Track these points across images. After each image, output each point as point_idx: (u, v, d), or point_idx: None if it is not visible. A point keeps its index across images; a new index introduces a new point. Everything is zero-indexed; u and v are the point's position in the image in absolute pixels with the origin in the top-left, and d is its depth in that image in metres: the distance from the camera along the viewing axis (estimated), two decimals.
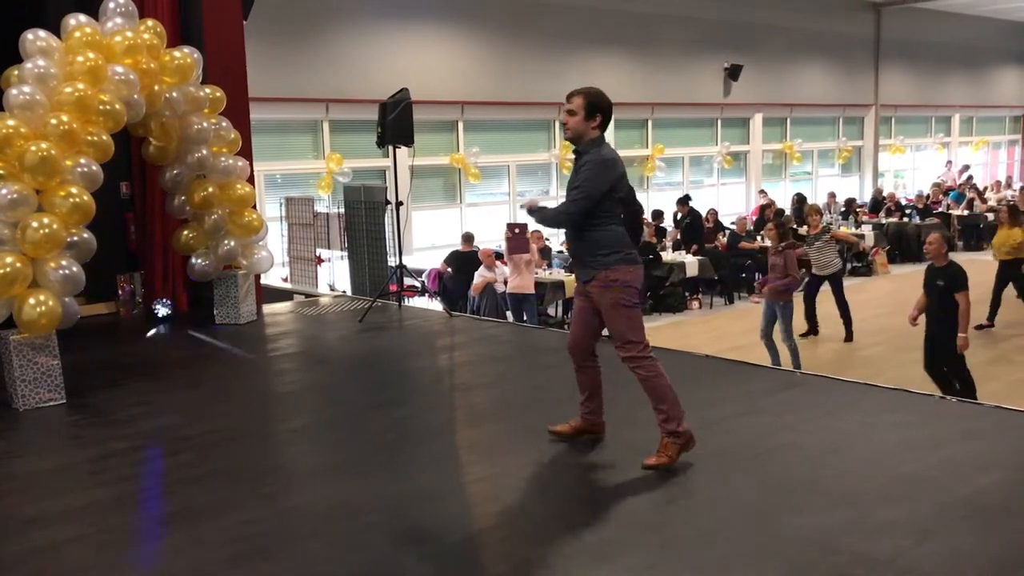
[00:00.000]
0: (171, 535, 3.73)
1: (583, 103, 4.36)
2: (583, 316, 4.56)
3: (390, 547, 3.55)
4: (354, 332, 7.79)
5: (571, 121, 4.39)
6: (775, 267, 9.22)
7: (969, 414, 5.10)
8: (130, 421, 5.33)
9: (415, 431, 5.06)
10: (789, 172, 21.22)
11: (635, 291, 4.43)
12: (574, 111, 4.37)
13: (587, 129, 4.37)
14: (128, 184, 8.51)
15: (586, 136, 4.38)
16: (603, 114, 4.38)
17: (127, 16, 6.79)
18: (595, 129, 4.38)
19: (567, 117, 4.42)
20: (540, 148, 16.36)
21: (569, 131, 4.43)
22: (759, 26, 18.97)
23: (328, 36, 13.14)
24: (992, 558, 3.31)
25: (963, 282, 7.33)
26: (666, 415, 4.37)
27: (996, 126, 27.24)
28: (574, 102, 4.38)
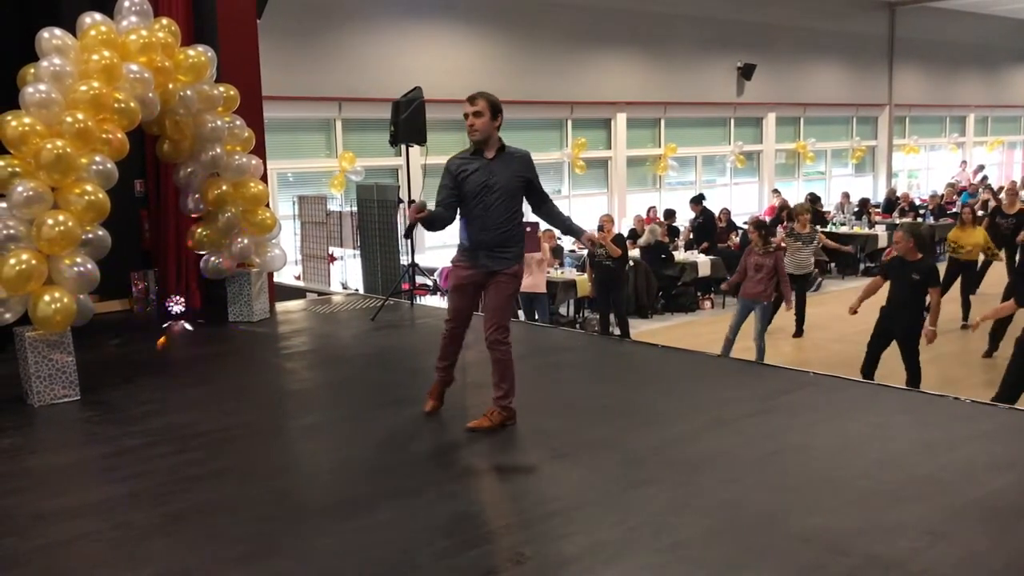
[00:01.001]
0: (184, 531, 3.75)
1: (487, 105, 4.68)
2: (472, 298, 5.02)
3: (403, 544, 3.56)
4: (366, 330, 7.81)
5: (478, 123, 4.67)
6: (761, 267, 9.13)
7: (983, 415, 5.07)
8: (143, 418, 5.35)
9: (428, 429, 5.07)
10: (802, 172, 21.14)
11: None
12: (480, 112, 4.66)
13: (493, 129, 4.72)
14: (142, 182, 8.55)
15: (494, 136, 4.74)
16: (501, 115, 4.75)
17: (142, 15, 6.81)
18: (498, 130, 4.75)
19: (473, 119, 4.67)
20: (552, 147, 16.35)
21: (478, 133, 4.69)
22: (772, 25, 18.90)
23: (341, 35, 13.17)
24: (1007, 560, 3.30)
25: (937, 279, 7.73)
26: (506, 392, 4.92)
27: (1011, 126, 27.06)
28: (479, 104, 4.67)
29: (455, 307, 5.05)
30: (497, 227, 4.78)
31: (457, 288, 4.99)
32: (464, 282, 4.93)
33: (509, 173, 4.77)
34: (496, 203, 4.75)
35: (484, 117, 4.66)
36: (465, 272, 4.91)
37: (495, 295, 4.85)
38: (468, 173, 4.75)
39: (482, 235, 4.79)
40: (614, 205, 17.06)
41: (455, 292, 5.01)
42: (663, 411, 5.24)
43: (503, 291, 4.85)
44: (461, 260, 4.95)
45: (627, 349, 7.57)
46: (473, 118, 4.67)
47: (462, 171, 4.77)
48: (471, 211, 4.80)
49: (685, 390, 5.77)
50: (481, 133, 4.68)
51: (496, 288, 4.85)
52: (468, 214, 4.82)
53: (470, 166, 4.77)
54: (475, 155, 4.78)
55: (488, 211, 4.75)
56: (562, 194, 16.68)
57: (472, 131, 4.70)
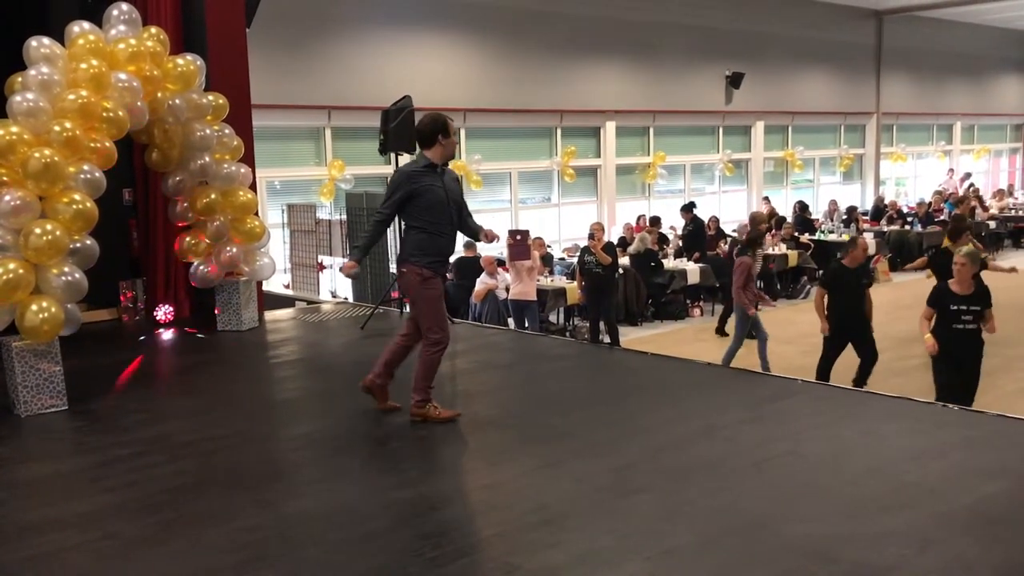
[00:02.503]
0: (173, 542, 3.73)
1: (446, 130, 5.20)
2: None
3: (393, 554, 3.55)
4: (356, 339, 7.79)
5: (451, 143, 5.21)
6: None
7: (971, 423, 5.10)
8: (132, 428, 5.33)
9: (417, 439, 5.06)
10: (791, 180, 21.22)
11: None
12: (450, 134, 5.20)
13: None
14: (131, 191, 8.53)
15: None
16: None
17: (130, 23, 6.81)
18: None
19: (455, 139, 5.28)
20: (542, 155, 16.36)
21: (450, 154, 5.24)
22: (760, 34, 18.99)
23: (331, 43, 13.16)
24: (995, 567, 3.31)
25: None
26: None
27: (997, 134, 27.24)
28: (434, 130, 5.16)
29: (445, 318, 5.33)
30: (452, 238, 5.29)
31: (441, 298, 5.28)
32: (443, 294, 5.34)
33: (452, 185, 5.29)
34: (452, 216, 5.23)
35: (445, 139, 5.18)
36: (441, 284, 5.27)
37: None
38: (429, 184, 5.13)
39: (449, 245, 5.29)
40: (603, 213, 17.08)
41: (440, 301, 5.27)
42: (653, 419, 5.25)
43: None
44: (435, 269, 5.19)
45: (617, 357, 7.58)
46: (455, 138, 5.28)
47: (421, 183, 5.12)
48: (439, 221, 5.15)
49: (675, 398, 5.78)
50: (450, 154, 5.26)
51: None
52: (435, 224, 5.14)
53: (428, 180, 5.13)
54: (429, 168, 5.15)
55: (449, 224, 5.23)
56: (552, 202, 16.71)
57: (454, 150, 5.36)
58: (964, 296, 7.00)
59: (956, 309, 6.99)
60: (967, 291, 7.03)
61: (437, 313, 5.17)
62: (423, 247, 5.12)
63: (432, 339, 5.15)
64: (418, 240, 5.13)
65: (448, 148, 5.18)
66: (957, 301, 7.00)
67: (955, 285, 7.06)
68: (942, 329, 7.06)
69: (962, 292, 7.02)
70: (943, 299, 7.09)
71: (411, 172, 5.14)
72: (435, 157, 5.14)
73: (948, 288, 7.10)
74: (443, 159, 5.18)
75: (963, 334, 7.01)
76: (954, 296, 7.03)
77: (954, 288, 7.06)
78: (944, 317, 7.06)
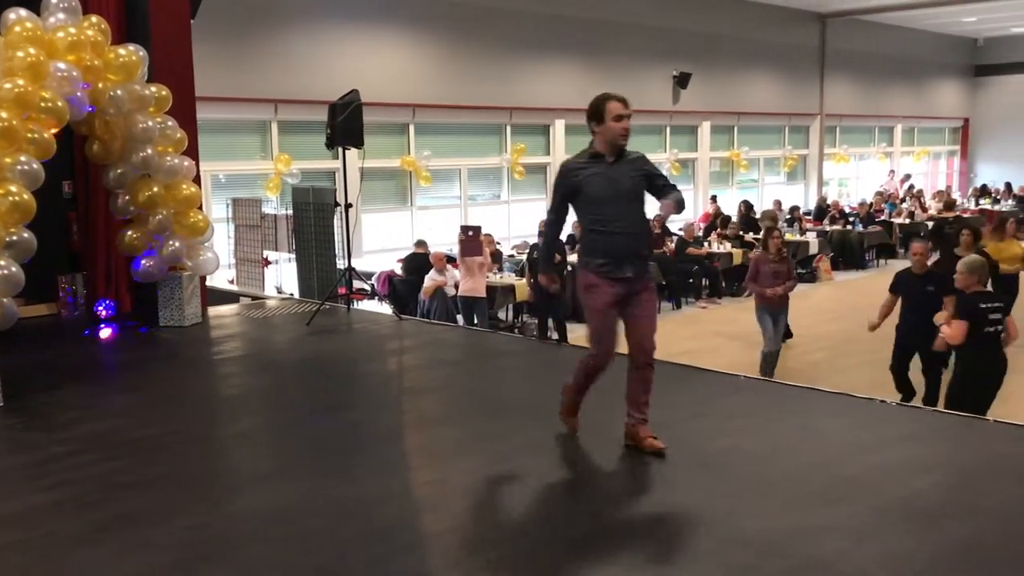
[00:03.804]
0: (113, 541, 3.66)
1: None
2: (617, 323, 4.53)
3: (337, 552, 3.52)
4: (302, 335, 7.72)
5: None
6: (779, 274, 9.25)
7: (908, 418, 5.22)
8: (70, 425, 5.21)
9: (363, 435, 5.03)
10: (736, 180, 21.50)
11: None
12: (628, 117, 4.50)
13: None
14: (71, 183, 8.35)
15: None
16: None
17: (70, 12, 6.66)
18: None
19: (628, 123, 4.46)
20: (491, 152, 16.36)
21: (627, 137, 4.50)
22: (707, 35, 19.20)
23: (277, 36, 13.01)
24: (930, 558, 3.40)
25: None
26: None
27: (936, 137, 27.90)
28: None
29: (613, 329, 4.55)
30: (628, 227, 4.48)
31: (605, 307, 4.49)
32: (607, 301, 4.48)
33: (626, 175, 4.51)
34: (625, 212, 4.48)
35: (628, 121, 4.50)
36: (611, 289, 4.46)
37: (649, 308, 4.58)
38: (588, 175, 4.46)
39: (627, 245, 4.47)
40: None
41: (603, 312, 4.49)
42: (600, 415, 5.27)
43: (652, 301, 4.63)
44: (603, 274, 4.45)
45: (565, 354, 7.60)
46: (628, 121, 4.46)
47: (578, 176, 4.48)
48: (606, 217, 4.45)
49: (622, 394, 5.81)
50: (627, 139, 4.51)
51: (646, 304, 4.55)
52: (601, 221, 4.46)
53: (587, 171, 4.47)
54: (594, 159, 4.49)
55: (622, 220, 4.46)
56: (501, 199, 16.72)
57: (627, 135, 4.48)
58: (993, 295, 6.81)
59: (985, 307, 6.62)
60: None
61: (595, 326, 4.51)
62: (589, 248, 4.50)
63: (590, 350, 4.58)
64: (586, 240, 4.53)
65: (606, 133, 4.42)
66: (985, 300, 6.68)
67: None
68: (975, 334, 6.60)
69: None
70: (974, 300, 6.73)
71: (570, 166, 4.53)
72: (598, 145, 4.48)
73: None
74: (607, 147, 4.45)
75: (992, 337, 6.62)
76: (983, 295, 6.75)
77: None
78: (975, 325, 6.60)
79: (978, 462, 4.51)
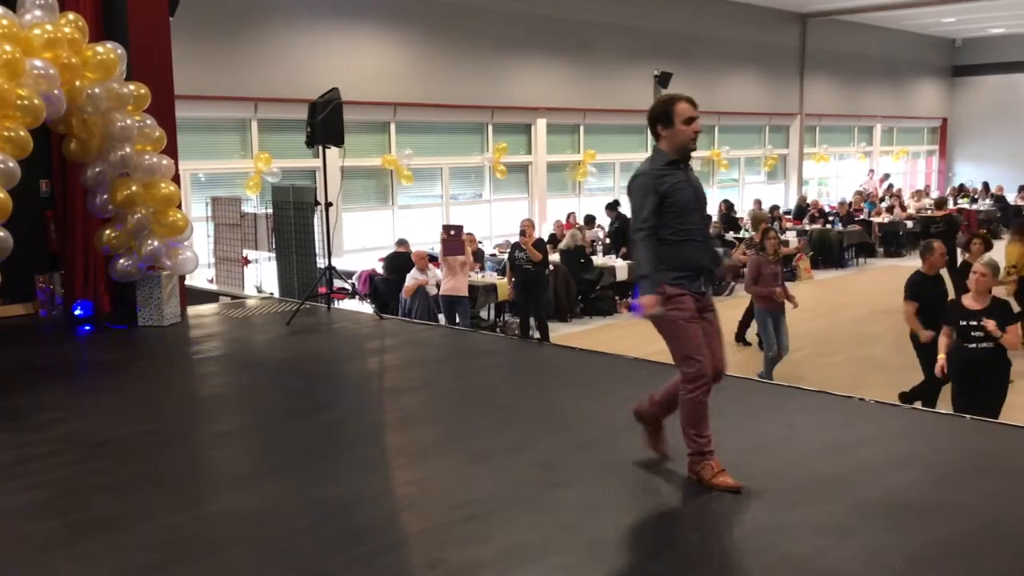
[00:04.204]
0: (88, 543, 3.62)
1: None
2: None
3: (316, 552, 3.50)
4: (282, 335, 7.68)
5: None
6: (778, 275, 9.22)
7: (886, 415, 5.25)
8: (46, 426, 5.16)
9: (343, 435, 5.01)
10: (717, 179, 21.58)
11: None
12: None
13: None
14: (48, 182, 8.27)
15: None
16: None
17: (47, 9, 6.60)
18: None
19: (698, 124, 4.15)
20: (473, 151, 16.35)
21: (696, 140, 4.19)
22: (689, 35, 19.26)
23: (257, 34, 12.94)
24: (907, 555, 3.41)
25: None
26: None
27: (915, 136, 28.12)
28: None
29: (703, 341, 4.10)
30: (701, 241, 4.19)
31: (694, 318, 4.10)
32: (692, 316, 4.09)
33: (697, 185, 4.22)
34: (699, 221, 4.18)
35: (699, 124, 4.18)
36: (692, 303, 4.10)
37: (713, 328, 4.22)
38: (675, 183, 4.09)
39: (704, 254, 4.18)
40: (534, 210, 17.14)
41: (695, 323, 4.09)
42: (580, 414, 5.29)
43: (716, 320, 4.27)
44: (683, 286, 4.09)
45: (546, 352, 7.61)
46: (698, 124, 4.13)
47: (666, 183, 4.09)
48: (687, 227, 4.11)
49: (602, 392, 5.83)
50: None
51: (712, 320, 4.22)
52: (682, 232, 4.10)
53: (673, 178, 4.10)
54: (672, 165, 4.13)
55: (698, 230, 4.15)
56: (483, 198, 16.71)
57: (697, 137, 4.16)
58: (975, 311, 6.34)
59: (965, 325, 6.33)
60: (982, 305, 6.37)
61: (686, 340, 4.04)
62: (667, 259, 4.07)
63: (686, 374, 4.05)
64: (662, 252, 4.07)
65: (676, 137, 4.09)
66: (967, 316, 6.35)
67: (967, 299, 6.46)
68: (955, 348, 6.42)
69: (974, 307, 6.38)
70: (952, 315, 6.49)
71: (656, 172, 4.10)
72: (668, 150, 4.13)
73: (959, 303, 6.51)
74: (676, 152, 4.12)
75: (977, 353, 6.30)
76: (964, 311, 6.40)
77: (966, 302, 6.45)
78: (957, 335, 6.42)
79: (956, 459, 4.54)
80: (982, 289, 6.40)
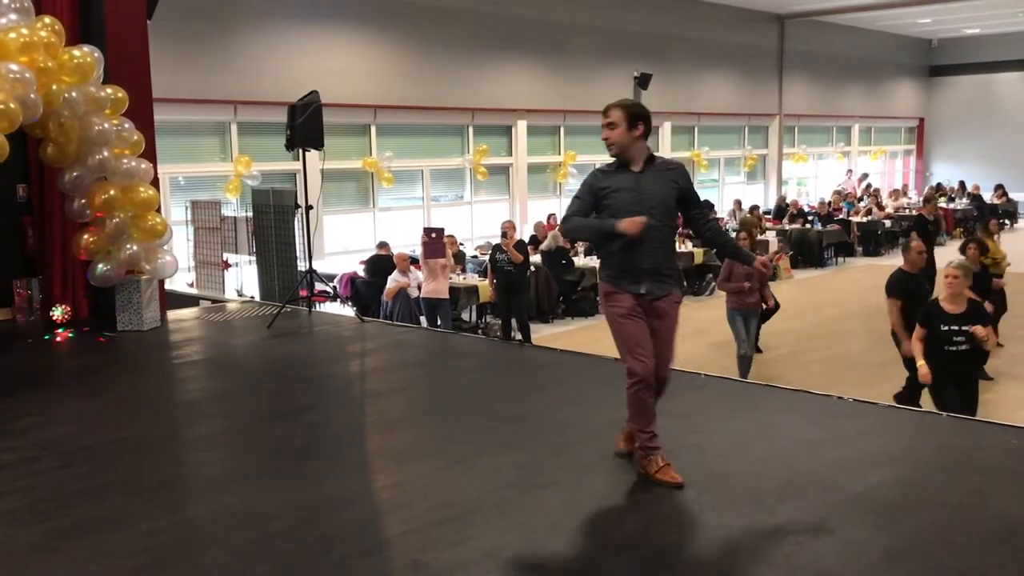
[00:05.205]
0: (68, 548, 3.61)
1: (623, 115, 4.22)
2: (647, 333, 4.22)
3: (298, 554, 3.51)
4: (262, 338, 7.66)
5: (613, 135, 4.22)
6: (752, 276, 9.23)
7: (863, 413, 5.29)
8: (24, 432, 5.13)
9: (324, 438, 5.01)
10: (697, 180, 21.68)
11: None
12: (615, 124, 4.22)
13: (633, 140, 4.23)
14: (25, 187, 8.21)
15: (636, 147, 4.24)
16: (645, 122, 4.27)
17: (22, 12, 6.56)
18: (640, 138, 4.25)
19: (607, 132, 4.23)
20: (454, 153, 16.36)
21: (614, 146, 4.24)
22: (668, 36, 19.35)
23: (236, 37, 12.90)
24: (884, 551, 3.45)
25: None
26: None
27: (893, 136, 28.35)
28: (611, 115, 4.23)
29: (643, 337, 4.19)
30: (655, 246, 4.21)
31: (631, 315, 4.21)
32: (630, 312, 4.20)
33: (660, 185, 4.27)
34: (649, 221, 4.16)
35: (619, 128, 4.21)
36: (630, 302, 4.21)
37: (668, 327, 4.28)
38: (612, 190, 4.22)
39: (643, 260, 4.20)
40: (515, 211, 17.17)
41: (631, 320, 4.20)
42: (561, 414, 5.31)
43: (670, 321, 4.28)
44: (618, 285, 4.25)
45: (528, 354, 7.63)
46: (607, 130, 4.22)
47: (605, 187, 4.24)
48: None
49: (583, 393, 5.85)
50: (617, 146, 4.24)
51: (662, 320, 4.26)
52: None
53: (614, 181, 4.24)
54: (621, 168, 4.28)
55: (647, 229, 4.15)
56: (464, 200, 16.72)
57: (608, 145, 4.25)
58: (955, 316, 6.33)
59: (947, 330, 6.32)
60: (959, 309, 6.36)
61: (621, 336, 4.19)
62: (604, 258, 4.34)
63: (626, 370, 4.17)
64: (604, 250, 4.33)
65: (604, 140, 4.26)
66: (948, 321, 6.33)
67: (946, 303, 6.43)
68: (933, 351, 6.43)
69: (954, 311, 6.36)
70: (932, 318, 6.45)
71: (601, 173, 4.33)
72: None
73: (939, 306, 6.46)
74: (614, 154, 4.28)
75: (957, 356, 6.32)
76: (944, 315, 6.37)
77: (944, 306, 6.42)
78: (934, 338, 6.42)
79: (934, 456, 4.59)
80: (956, 292, 6.38)
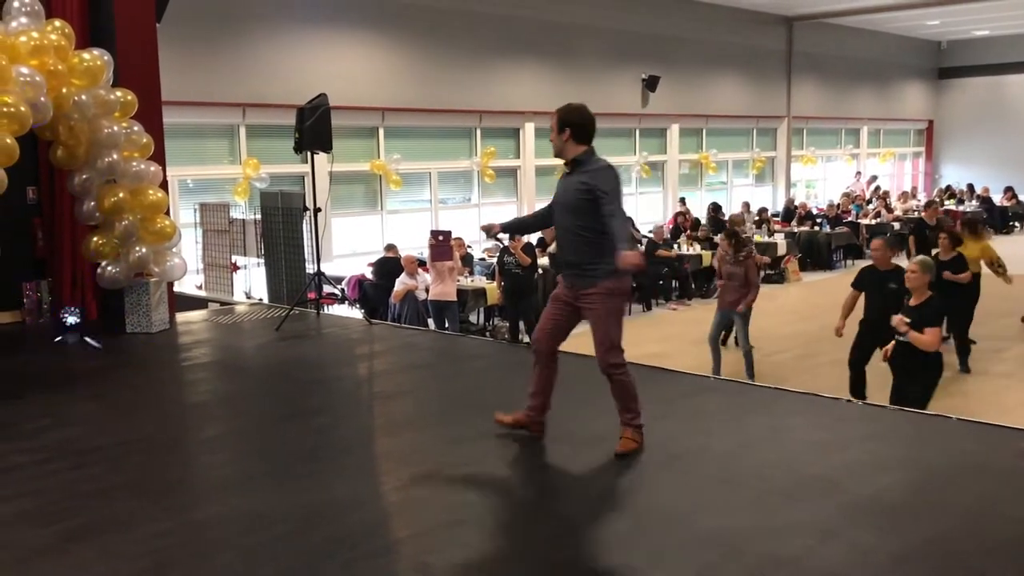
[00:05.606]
0: (78, 550, 3.63)
1: (555, 119, 4.62)
2: (558, 318, 4.70)
3: (305, 558, 3.51)
4: (271, 340, 7.68)
5: (551, 138, 4.68)
6: (734, 276, 9.31)
7: (871, 417, 5.29)
8: (35, 433, 5.15)
9: (332, 441, 5.02)
10: (705, 182, 21.66)
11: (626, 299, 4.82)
12: (551, 128, 4.67)
13: (563, 143, 4.60)
14: (35, 189, 8.24)
15: (567, 150, 4.60)
16: (572, 127, 4.59)
17: (33, 16, 6.60)
18: (568, 141, 4.59)
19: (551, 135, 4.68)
20: (462, 155, 16.37)
21: (553, 149, 4.69)
22: (676, 38, 19.33)
23: (246, 40, 12.94)
24: (891, 554, 3.45)
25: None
26: (635, 412, 4.63)
27: (902, 138, 28.26)
28: (551, 120, 4.66)
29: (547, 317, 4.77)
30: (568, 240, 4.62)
31: (552, 300, 4.78)
32: (557, 298, 4.73)
33: (571, 186, 4.61)
34: (561, 219, 4.65)
35: (553, 132, 4.65)
36: (560, 289, 4.73)
37: (596, 317, 4.57)
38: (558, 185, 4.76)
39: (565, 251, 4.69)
40: (523, 214, 17.17)
41: (550, 303, 4.79)
42: (570, 417, 5.30)
43: (599, 312, 4.55)
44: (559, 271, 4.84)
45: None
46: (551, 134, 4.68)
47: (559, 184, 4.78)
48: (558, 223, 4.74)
49: (590, 395, 5.83)
50: (554, 149, 4.69)
51: (589, 311, 4.59)
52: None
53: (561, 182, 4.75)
54: (567, 167, 4.73)
55: (560, 227, 4.69)
56: (472, 202, 16.73)
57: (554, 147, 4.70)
58: (909, 308, 6.57)
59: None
60: (917, 302, 6.57)
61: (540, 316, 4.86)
62: None
63: None
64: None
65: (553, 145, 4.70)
66: (905, 312, 6.59)
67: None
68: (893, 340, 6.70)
69: (912, 303, 6.59)
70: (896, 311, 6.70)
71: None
72: None
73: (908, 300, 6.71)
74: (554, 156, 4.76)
75: (902, 347, 6.59)
76: (904, 308, 6.64)
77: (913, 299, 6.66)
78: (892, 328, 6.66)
79: (941, 460, 4.58)
80: (914, 287, 6.62)
